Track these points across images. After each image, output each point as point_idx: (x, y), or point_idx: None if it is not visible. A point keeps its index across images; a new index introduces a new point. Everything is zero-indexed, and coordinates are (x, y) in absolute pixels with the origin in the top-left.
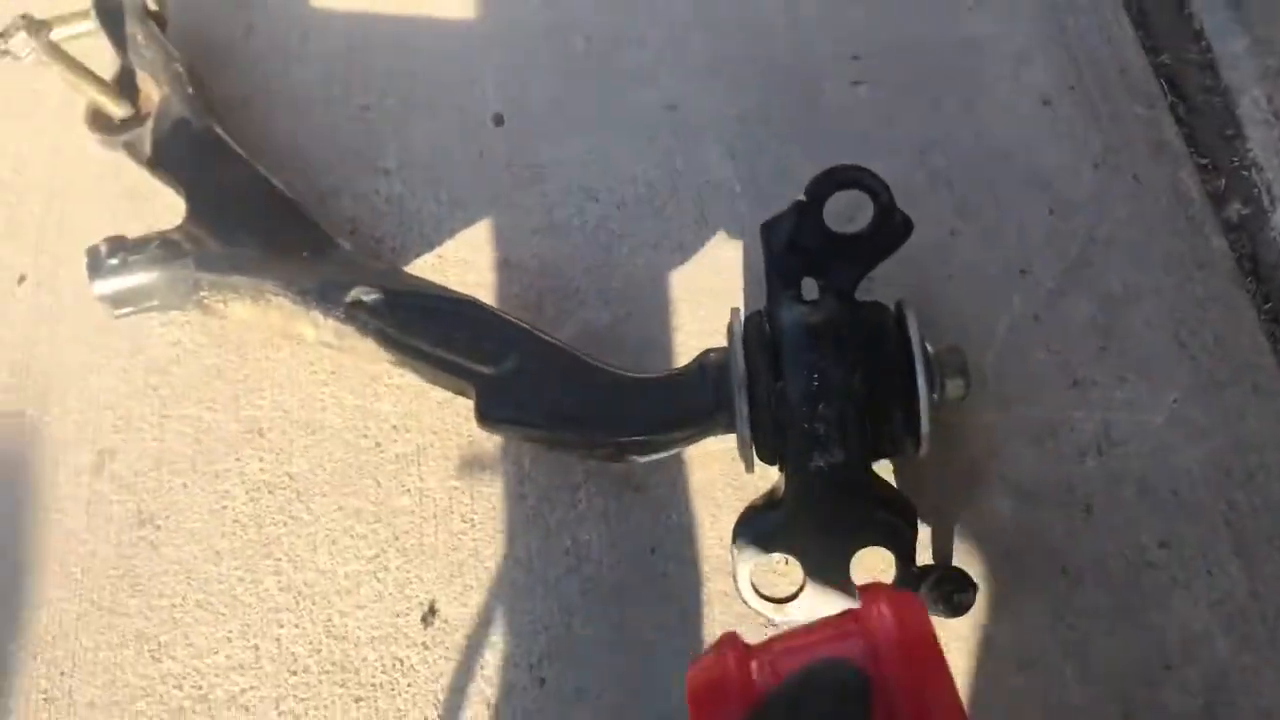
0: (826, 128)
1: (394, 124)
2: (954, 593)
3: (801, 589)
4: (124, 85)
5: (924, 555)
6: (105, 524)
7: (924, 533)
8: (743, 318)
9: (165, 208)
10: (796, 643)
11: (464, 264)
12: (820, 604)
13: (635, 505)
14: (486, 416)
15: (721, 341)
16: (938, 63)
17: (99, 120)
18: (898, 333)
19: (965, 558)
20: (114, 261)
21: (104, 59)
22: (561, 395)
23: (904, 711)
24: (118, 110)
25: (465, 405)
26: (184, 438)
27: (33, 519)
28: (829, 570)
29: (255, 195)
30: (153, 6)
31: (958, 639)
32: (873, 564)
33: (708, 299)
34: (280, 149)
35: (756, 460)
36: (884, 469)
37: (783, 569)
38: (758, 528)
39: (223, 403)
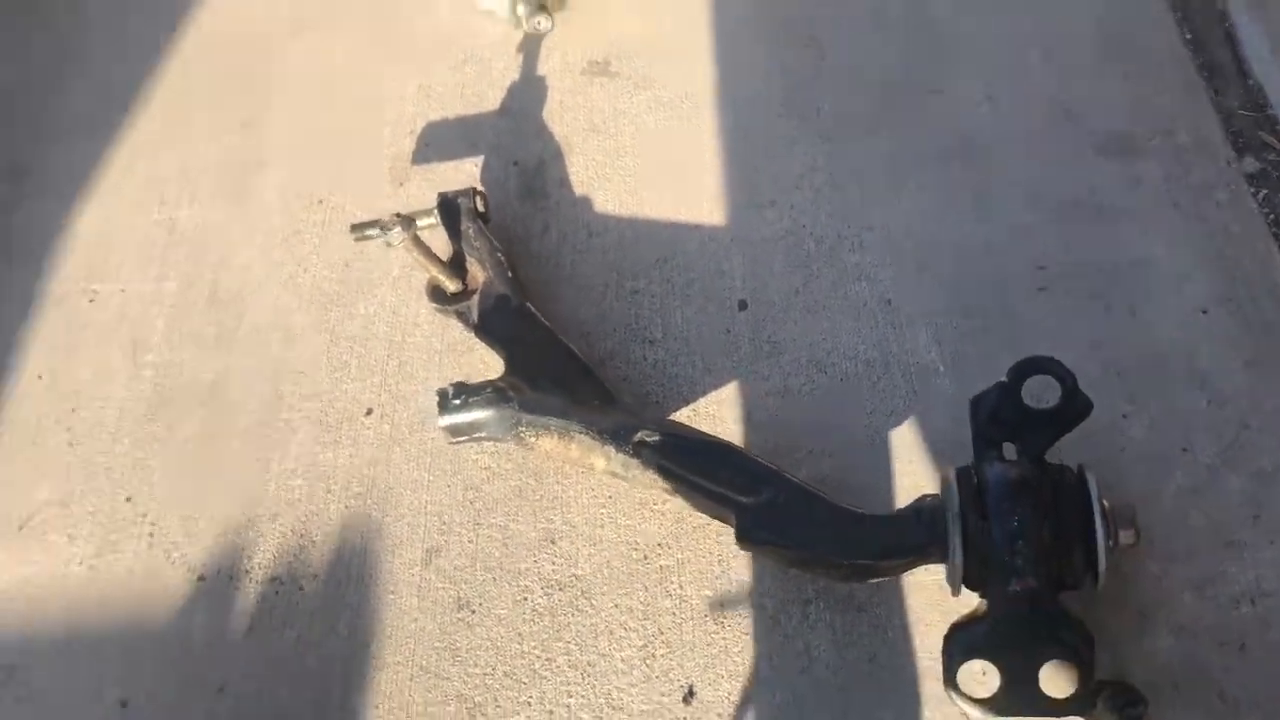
0: (1014, 323)
1: (658, 305)
2: (1126, 706)
3: (998, 692)
4: (455, 267)
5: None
6: (432, 605)
7: (1100, 659)
8: (954, 473)
9: (478, 360)
10: None
11: (712, 418)
12: (1014, 706)
13: (858, 621)
14: (746, 537)
15: (919, 492)
16: (1111, 276)
17: (437, 293)
18: (1080, 490)
19: (1135, 683)
20: (458, 401)
21: (439, 246)
22: (807, 523)
23: None
24: (451, 286)
25: (717, 530)
26: (493, 541)
27: (376, 599)
28: (1021, 677)
29: (557, 356)
30: (480, 208)
31: None
32: (1059, 676)
33: (913, 457)
34: (567, 320)
35: (962, 586)
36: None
37: (981, 678)
38: (965, 639)
39: (524, 516)
